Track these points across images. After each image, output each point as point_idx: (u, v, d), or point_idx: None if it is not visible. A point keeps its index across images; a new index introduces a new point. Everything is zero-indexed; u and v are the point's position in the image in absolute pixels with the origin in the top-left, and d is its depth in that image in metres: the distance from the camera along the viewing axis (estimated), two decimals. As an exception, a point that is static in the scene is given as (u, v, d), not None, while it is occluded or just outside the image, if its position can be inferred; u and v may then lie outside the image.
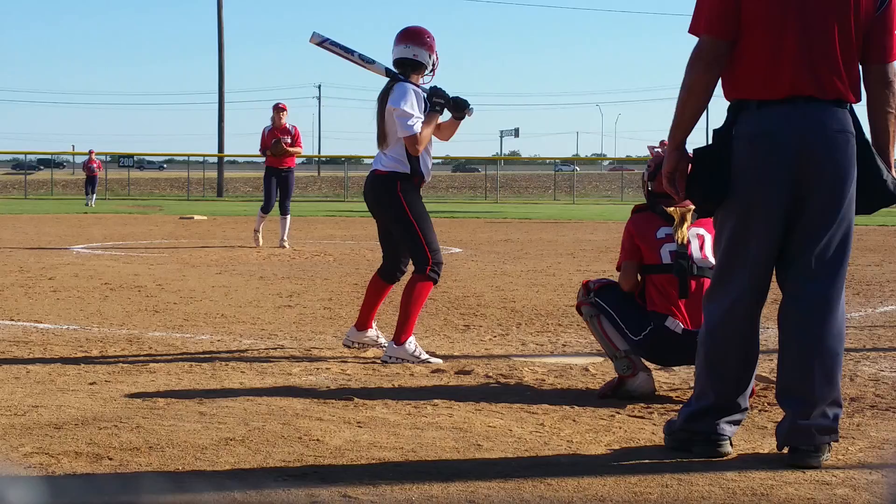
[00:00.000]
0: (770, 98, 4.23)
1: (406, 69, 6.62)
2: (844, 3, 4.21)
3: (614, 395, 5.45)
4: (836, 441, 4.28)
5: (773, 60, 4.22)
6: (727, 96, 4.36)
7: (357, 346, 6.88)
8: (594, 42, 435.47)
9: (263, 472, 4.04)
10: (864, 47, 4.28)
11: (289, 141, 15.78)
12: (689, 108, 4.33)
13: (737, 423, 4.41)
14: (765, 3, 4.21)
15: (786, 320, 4.29)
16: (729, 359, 4.35)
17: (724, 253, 4.34)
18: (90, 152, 39.25)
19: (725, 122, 4.34)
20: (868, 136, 4.33)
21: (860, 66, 4.31)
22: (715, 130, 4.36)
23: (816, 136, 4.20)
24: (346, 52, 6.80)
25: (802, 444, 4.16)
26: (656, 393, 5.55)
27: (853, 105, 4.30)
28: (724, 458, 4.28)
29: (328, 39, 6.84)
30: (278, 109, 15.88)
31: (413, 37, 6.65)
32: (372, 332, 6.90)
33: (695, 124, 4.40)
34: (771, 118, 4.22)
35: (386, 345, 6.68)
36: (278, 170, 15.89)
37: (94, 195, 37.07)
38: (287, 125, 15.89)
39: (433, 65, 6.69)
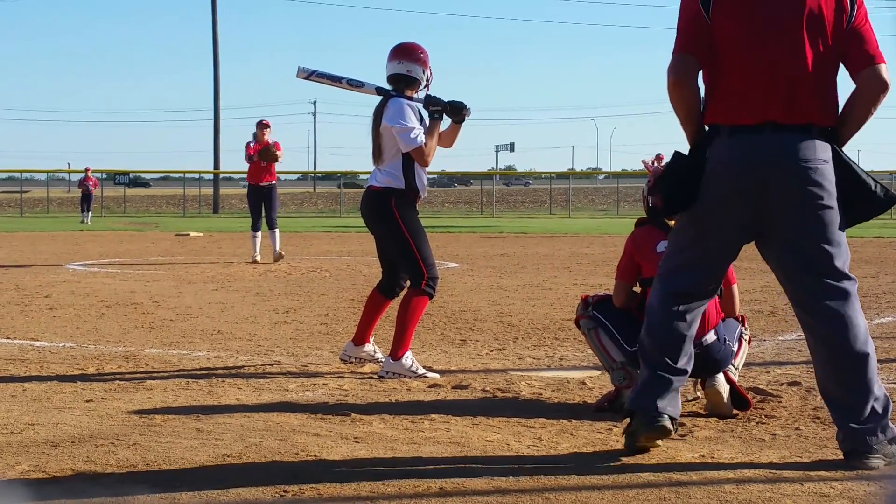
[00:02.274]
0: (740, 124, 4.37)
1: (400, 85, 6.64)
2: (812, 27, 4.31)
3: (611, 408, 5.45)
4: (894, 435, 4.34)
5: (741, 87, 4.37)
6: (705, 121, 4.51)
7: (354, 360, 6.87)
8: (589, 56, 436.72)
9: (261, 488, 4.03)
10: (847, 62, 4.38)
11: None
12: (682, 119, 4.51)
13: (673, 395, 4.55)
14: (732, 30, 4.36)
15: (811, 336, 4.46)
16: (660, 350, 4.56)
17: (676, 252, 4.57)
18: (86, 170, 39.29)
19: (705, 141, 4.48)
20: (846, 157, 4.42)
21: (853, 79, 4.39)
22: (694, 144, 4.50)
23: (784, 166, 4.32)
24: (334, 81, 6.82)
25: (859, 446, 4.29)
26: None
27: (828, 127, 4.40)
28: (666, 436, 4.50)
29: (315, 71, 6.85)
30: (262, 126, 16.01)
31: (406, 52, 6.67)
32: (369, 347, 6.89)
33: (695, 129, 4.50)
34: (739, 146, 4.37)
35: (383, 360, 6.68)
36: (259, 187, 16.02)
37: (90, 213, 37.06)
38: (269, 140, 16.00)
39: (427, 80, 6.70)
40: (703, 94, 4.51)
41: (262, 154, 15.75)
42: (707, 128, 4.50)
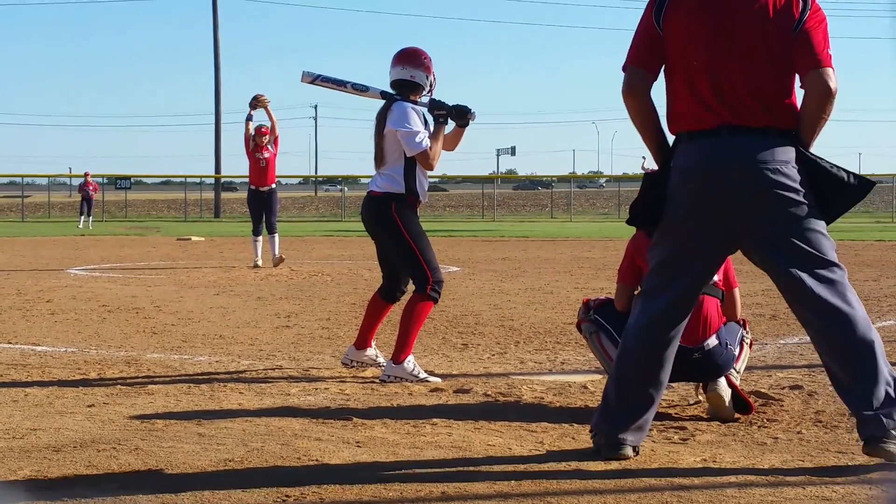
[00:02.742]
0: (698, 129, 4.40)
1: (404, 90, 6.63)
2: (762, 33, 4.34)
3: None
4: None
5: (695, 94, 4.40)
6: (669, 130, 4.55)
7: (356, 364, 6.87)
8: (590, 60, 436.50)
9: (263, 492, 4.03)
10: (797, 64, 4.37)
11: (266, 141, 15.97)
12: (639, 130, 4.56)
13: (638, 423, 4.53)
14: (683, 39, 4.41)
15: (811, 331, 4.44)
16: (632, 378, 4.53)
17: (653, 272, 4.55)
18: (86, 174, 39.35)
19: (670, 153, 4.53)
20: (811, 156, 4.42)
21: (801, 84, 4.40)
22: (661, 159, 4.56)
23: (742, 170, 4.33)
24: (338, 85, 6.81)
25: (875, 431, 4.25)
26: (655, 410, 5.54)
27: (791, 130, 4.40)
28: (626, 459, 4.45)
29: (319, 76, 6.86)
30: (261, 133, 16.02)
31: (409, 58, 6.67)
32: (371, 352, 6.89)
33: (655, 140, 4.56)
34: (699, 151, 4.40)
35: (384, 364, 6.68)
36: (259, 191, 16.05)
37: (91, 217, 37.09)
38: (266, 143, 16.07)
39: (430, 85, 6.70)
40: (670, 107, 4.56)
41: (252, 103, 15.63)
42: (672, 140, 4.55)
